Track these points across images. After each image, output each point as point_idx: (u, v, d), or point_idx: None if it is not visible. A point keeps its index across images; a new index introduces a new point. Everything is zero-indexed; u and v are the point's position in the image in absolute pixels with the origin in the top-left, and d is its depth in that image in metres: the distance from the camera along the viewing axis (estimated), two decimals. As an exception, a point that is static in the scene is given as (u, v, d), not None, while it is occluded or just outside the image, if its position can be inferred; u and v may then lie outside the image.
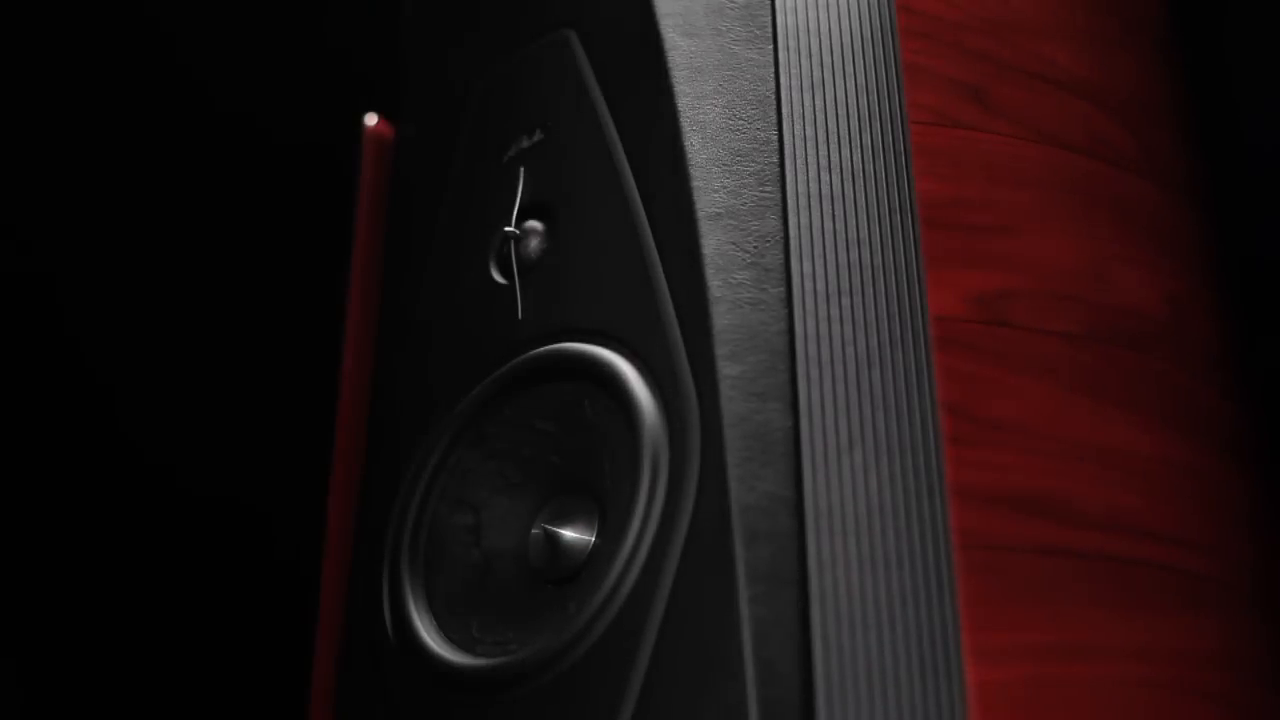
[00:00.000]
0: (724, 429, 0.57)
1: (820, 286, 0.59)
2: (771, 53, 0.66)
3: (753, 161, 0.63)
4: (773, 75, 0.65)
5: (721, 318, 0.60)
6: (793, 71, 0.65)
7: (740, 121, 0.64)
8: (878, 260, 0.60)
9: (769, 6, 0.67)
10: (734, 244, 0.61)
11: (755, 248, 0.61)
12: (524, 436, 0.65)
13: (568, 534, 0.63)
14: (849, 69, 0.65)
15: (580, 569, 0.62)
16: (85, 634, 1.05)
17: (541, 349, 0.65)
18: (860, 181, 0.62)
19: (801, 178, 0.62)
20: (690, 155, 0.64)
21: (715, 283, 0.60)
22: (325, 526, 0.75)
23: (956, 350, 0.59)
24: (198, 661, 1.05)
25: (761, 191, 0.62)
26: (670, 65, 0.67)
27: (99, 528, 1.07)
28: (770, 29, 0.67)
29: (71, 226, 1.10)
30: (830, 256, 0.60)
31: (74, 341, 1.09)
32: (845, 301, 0.59)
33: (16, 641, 1.04)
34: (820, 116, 0.64)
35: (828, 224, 0.61)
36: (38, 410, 1.07)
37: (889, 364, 0.58)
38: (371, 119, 0.84)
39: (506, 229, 0.69)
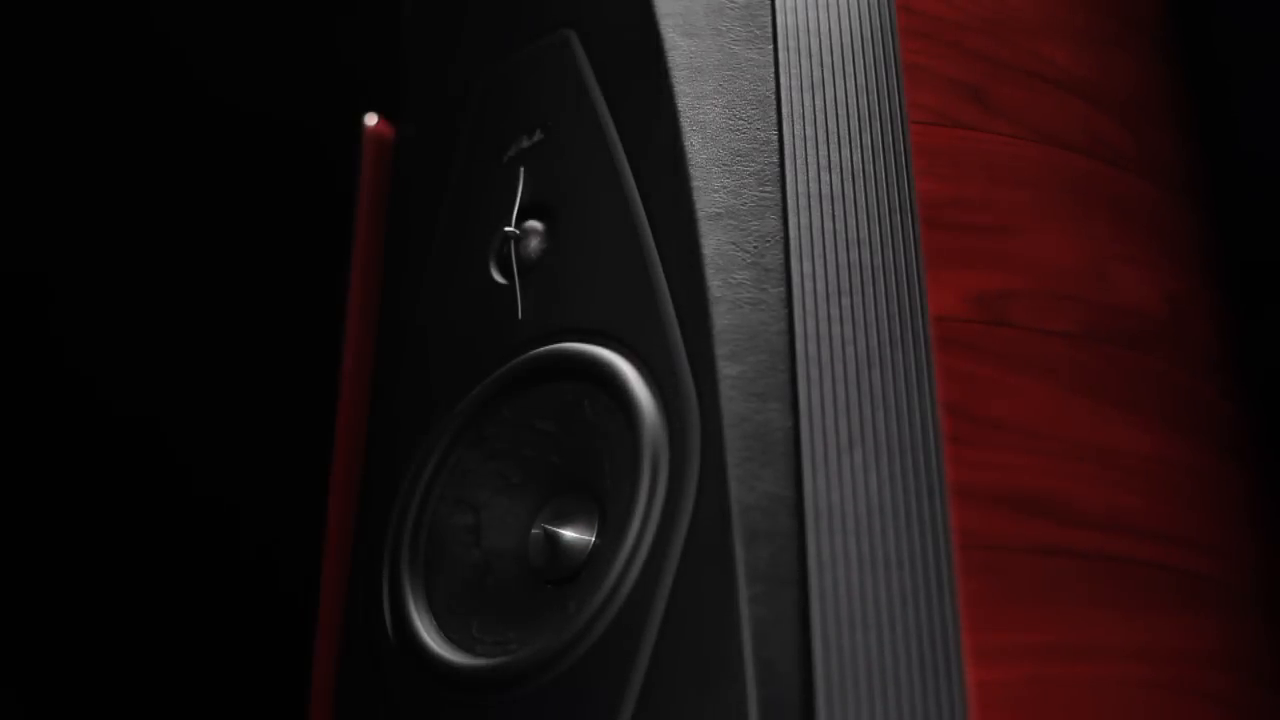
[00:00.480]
0: (724, 429, 0.57)
1: (820, 286, 0.59)
2: (771, 53, 0.66)
3: (753, 161, 0.63)
4: (773, 75, 0.65)
5: (721, 318, 0.60)
6: (793, 71, 0.65)
7: (740, 121, 0.64)
8: (878, 260, 0.60)
9: (769, 6, 0.67)
10: (734, 244, 0.61)
11: (755, 248, 0.61)
12: (524, 436, 0.65)
13: (568, 534, 0.63)
14: (849, 69, 0.65)
15: (580, 569, 0.62)
16: (86, 635, 1.05)
17: (541, 349, 0.65)
18: (860, 181, 0.62)
19: (801, 178, 0.62)
20: (690, 155, 0.64)
21: (715, 283, 0.60)
22: (325, 526, 0.75)
23: (956, 350, 0.59)
24: (198, 661, 1.05)
25: (761, 191, 0.62)
26: (670, 65, 0.67)
27: (99, 528, 1.07)
28: (770, 29, 0.67)
29: (71, 227, 1.10)
30: (830, 256, 0.60)
31: (73, 342, 1.09)
32: (845, 301, 0.59)
33: (17, 641, 1.04)
34: (820, 116, 0.64)
35: (828, 224, 0.61)
36: (39, 411, 1.07)
37: (889, 364, 0.58)
38: (371, 119, 0.84)
39: (506, 229, 0.69)
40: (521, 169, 0.71)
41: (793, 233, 0.61)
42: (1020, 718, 0.54)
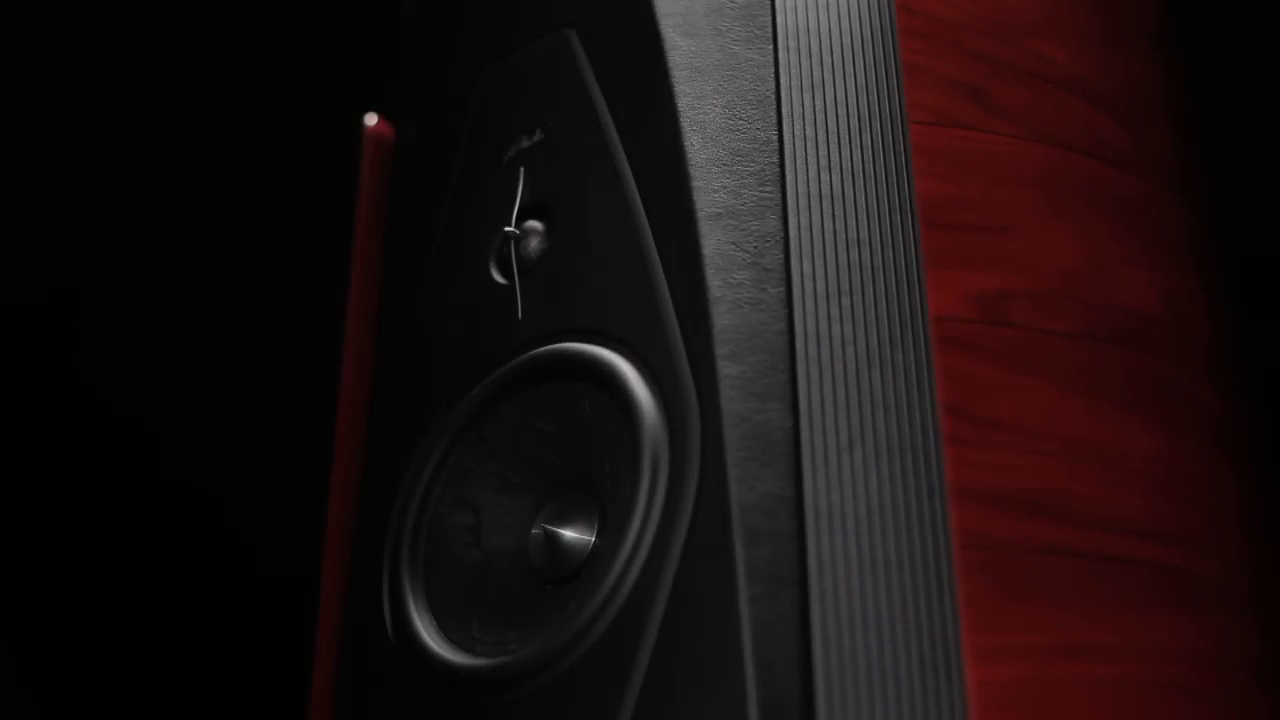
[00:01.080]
0: (724, 429, 0.57)
1: (820, 286, 0.59)
2: (771, 53, 0.66)
3: (753, 161, 0.63)
4: (773, 75, 0.65)
5: (721, 318, 0.60)
6: (793, 71, 0.65)
7: (740, 121, 0.64)
8: (878, 260, 0.60)
9: (769, 6, 0.67)
10: (734, 244, 0.61)
11: (755, 248, 0.61)
12: (524, 436, 0.65)
13: (568, 534, 0.63)
14: (849, 69, 0.65)
15: (580, 569, 0.62)
16: (86, 635, 1.05)
17: (541, 349, 0.65)
18: (860, 181, 0.62)
19: (801, 178, 0.62)
20: (690, 155, 0.64)
21: (715, 283, 0.60)
22: (325, 526, 0.75)
23: (956, 350, 0.59)
24: (198, 661, 1.05)
25: (761, 191, 0.62)
26: (670, 65, 0.67)
27: (100, 528, 1.07)
28: (770, 29, 0.67)
29: (71, 226, 1.10)
30: (830, 256, 0.60)
31: (73, 341, 1.09)
32: (845, 301, 0.59)
33: (18, 641, 1.04)
34: (820, 116, 0.64)
35: (828, 224, 0.61)
36: (41, 411, 1.07)
37: (889, 364, 0.58)
38: (371, 119, 0.84)
39: (506, 229, 0.69)
40: (521, 169, 0.71)
41: (793, 233, 0.61)
42: (1020, 718, 0.54)
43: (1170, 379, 0.65)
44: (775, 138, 0.64)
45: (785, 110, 0.64)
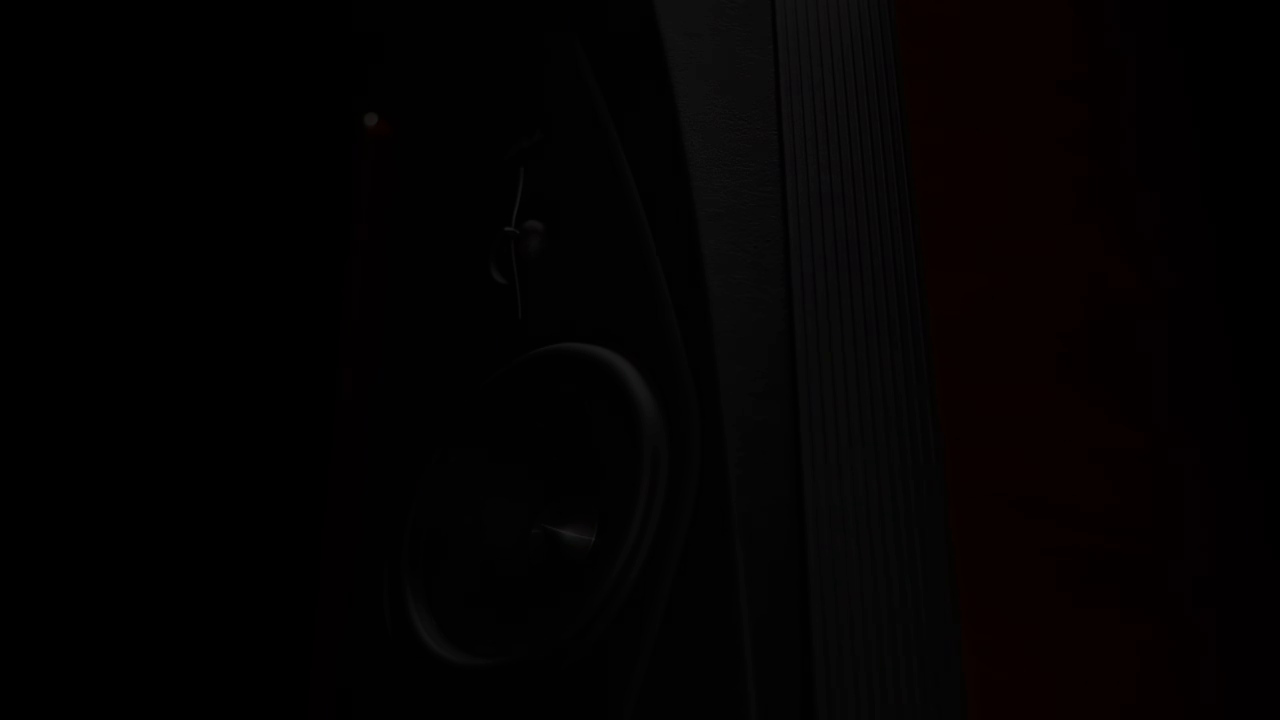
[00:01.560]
0: (724, 429, 0.57)
1: (820, 286, 0.60)
2: (771, 53, 0.66)
3: (753, 161, 0.63)
4: (773, 75, 0.65)
5: (721, 318, 0.60)
6: (792, 71, 0.65)
7: (740, 121, 0.65)
8: (878, 260, 0.60)
9: (769, 6, 0.67)
10: (734, 244, 0.61)
11: (755, 248, 0.61)
12: (524, 436, 0.65)
13: (568, 534, 0.63)
14: (849, 69, 0.65)
15: (580, 569, 0.62)
16: (87, 634, 1.05)
17: (541, 349, 0.65)
18: (860, 181, 0.62)
19: (801, 178, 0.62)
20: (690, 155, 0.64)
21: (715, 283, 0.60)
22: (325, 526, 0.75)
23: (956, 350, 0.60)
24: (198, 660, 1.06)
25: (761, 191, 0.62)
26: (670, 65, 0.67)
27: (99, 528, 1.07)
28: (770, 29, 0.67)
29: (73, 225, 1.10)
30: (830, 256, 0.60)
31: (77, 337, 1.09)
32: (845, 301, 0.59)
33: (17, 638, 1.04)
34: (820, 116, 0.64)
35: (827, 224, 0.61)
36: (41, 411, 1.07)
37: (889, 364, 0.58)
38: (371, 119, 0.84)
39: (506, 229, 0.69)
40: (521, 169, 0.71)
41: (793, 233, 0.61)
42: (1020, 716, 0.54)
43: (1170, 378, 0.65)
44: (775, 138, 0.64)
45: (785, 110, 0.64)
